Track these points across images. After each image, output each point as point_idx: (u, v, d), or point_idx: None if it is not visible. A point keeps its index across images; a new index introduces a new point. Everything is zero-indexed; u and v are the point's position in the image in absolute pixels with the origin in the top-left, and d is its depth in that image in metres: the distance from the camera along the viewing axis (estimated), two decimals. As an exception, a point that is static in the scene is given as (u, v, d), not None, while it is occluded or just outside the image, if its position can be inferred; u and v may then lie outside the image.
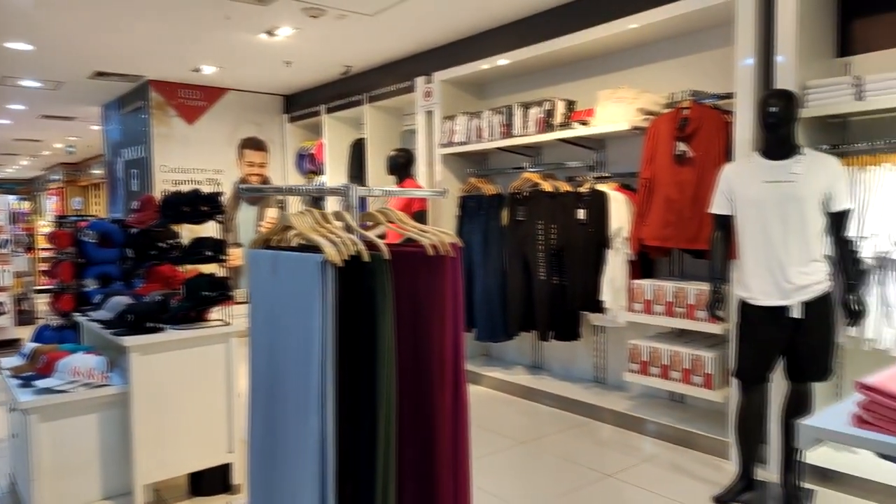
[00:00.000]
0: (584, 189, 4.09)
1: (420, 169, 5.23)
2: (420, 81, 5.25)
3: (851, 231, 2.81)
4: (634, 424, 3.87)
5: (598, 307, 3.98)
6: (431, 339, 1.95)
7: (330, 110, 6.53)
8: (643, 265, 4.00)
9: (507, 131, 4.56)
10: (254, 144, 4.35)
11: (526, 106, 4.43)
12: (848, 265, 2.78)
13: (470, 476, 1.98)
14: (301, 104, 7.12)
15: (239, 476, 2.96)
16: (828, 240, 2.78)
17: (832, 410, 1.10)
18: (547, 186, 4.32)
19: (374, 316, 1.78)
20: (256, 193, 4.21)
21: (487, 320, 4.72)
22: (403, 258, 1.88)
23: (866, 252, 2.85)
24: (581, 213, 4.03)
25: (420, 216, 4.78)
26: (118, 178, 7.63)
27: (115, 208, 7.83)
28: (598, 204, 3.95)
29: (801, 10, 3.10)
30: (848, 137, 3.26)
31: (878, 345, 2.87)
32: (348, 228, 1.87)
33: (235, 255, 3.74)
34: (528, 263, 4.41)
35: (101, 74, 6.29)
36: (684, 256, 3.96)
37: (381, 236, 1.95)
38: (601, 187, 4.01)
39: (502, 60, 4.65)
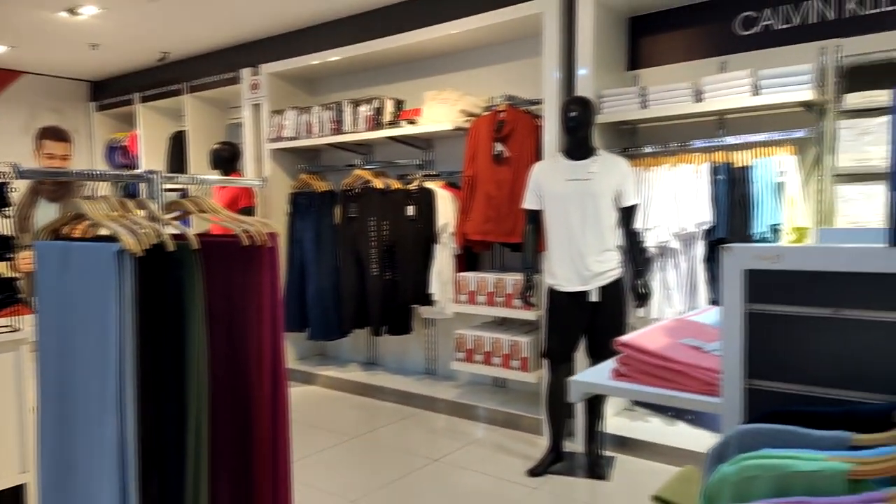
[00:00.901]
0: (413, 186, 4.21)
1: (247, 164, 5.04)
2: (246, 73, 5.06)
3: (638, 224, 3.20)
4: (462, 411, 4.06)
5: (427, 300, 4.12)
6: (249, 332, 1.91)
7: (145, 99, 6.05)
8: (468, 258, 4.21)
9: (338, 128, 4.55)
10: (54, 134, 3.91)
11: (356, 103, 4.46)
12: (635, 254, 3.16)
13: (290, 473, 1.96)
14: (111, 91, 6.52)
15: (34, 498, 2.66)
16: (619, 231, 3.13)
17: (599, 368, 1.26)
18: (378, 184, 4.38)
19: (181, 309, 1.71)
20: (40, 177, 3.76)
21: (321, 318, 4.68)
22: (216, 249, 1.82)
23: (650, 242, 3.25)
24: (411, 210, 4.14)
25: (247, 213, 4.61)
26: None
27: None
28: (426, 201, 4.09)
29: (597, 27, 3.46)
30: (636, 141, 3.70)
31: (662, 323, 3.28)
32: (152, 217, 1.78)
33: (31, 258, 3.33)
34: (360, 260, 4.44)
35: None
36: (504, 249, 4.23)
37: (206, 231, 1.88)
38: (429, 185, 4.16)
39: (333, 56, 4.63)
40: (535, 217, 3.23)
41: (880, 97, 2.86)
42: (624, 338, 1.20)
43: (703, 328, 1.29)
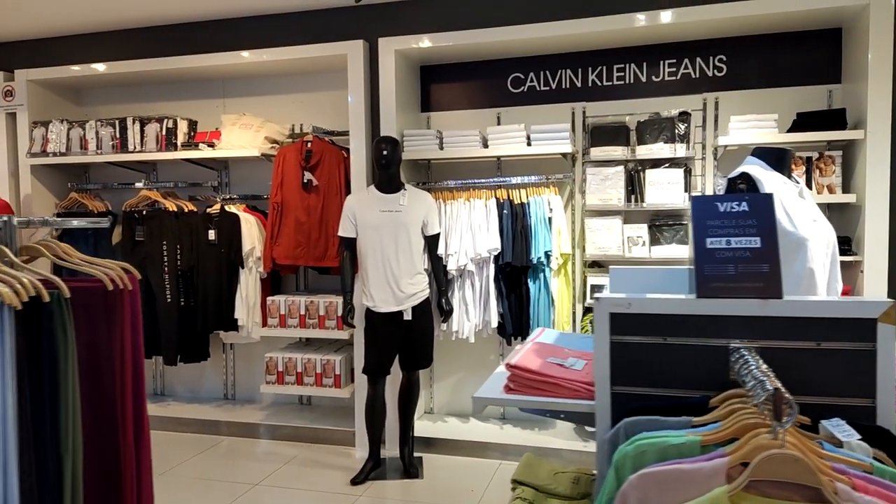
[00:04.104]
0: (213, 210, 4.14)
1: (1, 180, 4.39)
2: (-4, 76, 4.42)
3: (440, 249, 3.67)
4: (271, 432, 4.12)
5: (232, 325, 4.08)
6: (114, 378, 1.90)
7: None
8: (273, 282, 4.29)
9: (121, 145, 4.25)
10: None
11: (143, 121, 4.22)
12: (439, 276, 3.64)
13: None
14: None
15: None
16: (426, 257, 3.57)
17: (490, 384, 1.62)
18: (170, 205, 4.21)
19: (55, 360, 1.67)
20: None
21: (99, 351, 4.30)
22: (79, 294, 1.79)
23: (451, 266, 3.74)
24: (212, 234, 4.07)
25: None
26: None
27: None
28: (229, 225, 4.06)
29: (397, 72, 3.87)
30: (431, 176, 4.19)
31: (461, 335, 3.80)
32: (11, 265, 1.70)
33: None
34: (150, 286, 4.20)
35: None
36: (310, 272, 4.40)
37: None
38: (232, 209, 4.13)
39: (99, 66, 4.30)
40: (350, 244, 3.50)
41: (615, 151, 3.73)
42: (510, 361, 1.58)
43: (557, 349, 1.73)
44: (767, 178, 1.75)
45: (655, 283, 1.94)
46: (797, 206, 1.74)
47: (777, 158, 1.84)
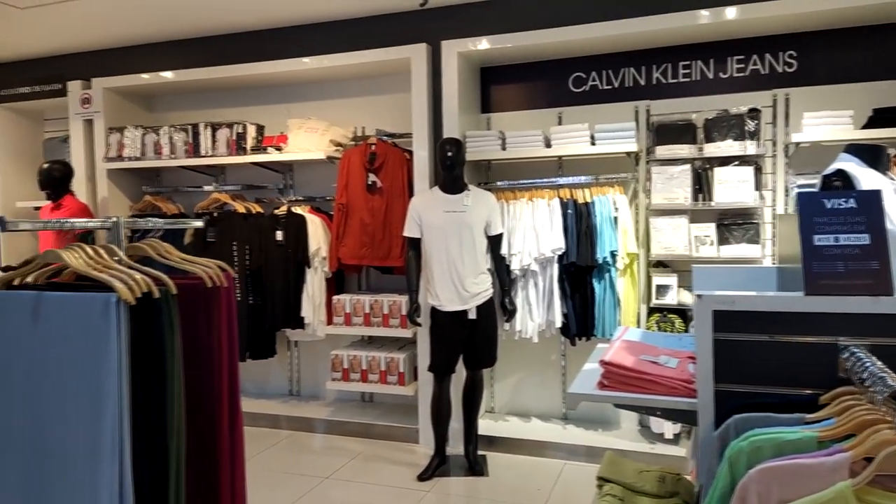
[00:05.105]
0: (280, 211, 4.26)
1: (79, 184, 4.61)
2: (75, 86, 4.63)
3: (504, 249, 3.70)
4: (335, 428, 4.22)
5: (299, 323, 4.19)
6: (212, 373, 1.98)
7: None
8: (336, 281, 4.38)
9: (193, 150, 4.42)
10: None
11: (214, 127, 4.38)
12: (503, 276, 3.66)
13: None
14: None
15: None
16: (489, 256, 3.60)
17: (582, 380, 1.64)
18: (239, 207, 4.35)
19: (163, 354, 1.76)
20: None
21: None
22: (182, 291, 1.87)
23: (514, 265, 3.77)
24: (279, 235, 4.20)
25: (85, 238, 4.24)
26: None
27: None
28: (296, 226, 4.17)
29: (459, 75, 3.92)
30: (490, 176, 4.22)
31: (524, 335, 3.82)
32: (120, 262, 1.79)
33: None
34: (220, 285, 4.34)
35: None
36: (371, 271, 4.49)
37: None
38: (298, 210, 4.25)
39: (168, 74, 4.49)
40: (415, 244, 3.56)
41: (681, 150, 3.69)
42: (604, 358, 1.60)
43: (648, 347, 1.74)
44: (864, 175, 1.73)
45: (740, 282, 1.93)
46: (893, 202, 1.71)
47: (872, 155, 1.81)
